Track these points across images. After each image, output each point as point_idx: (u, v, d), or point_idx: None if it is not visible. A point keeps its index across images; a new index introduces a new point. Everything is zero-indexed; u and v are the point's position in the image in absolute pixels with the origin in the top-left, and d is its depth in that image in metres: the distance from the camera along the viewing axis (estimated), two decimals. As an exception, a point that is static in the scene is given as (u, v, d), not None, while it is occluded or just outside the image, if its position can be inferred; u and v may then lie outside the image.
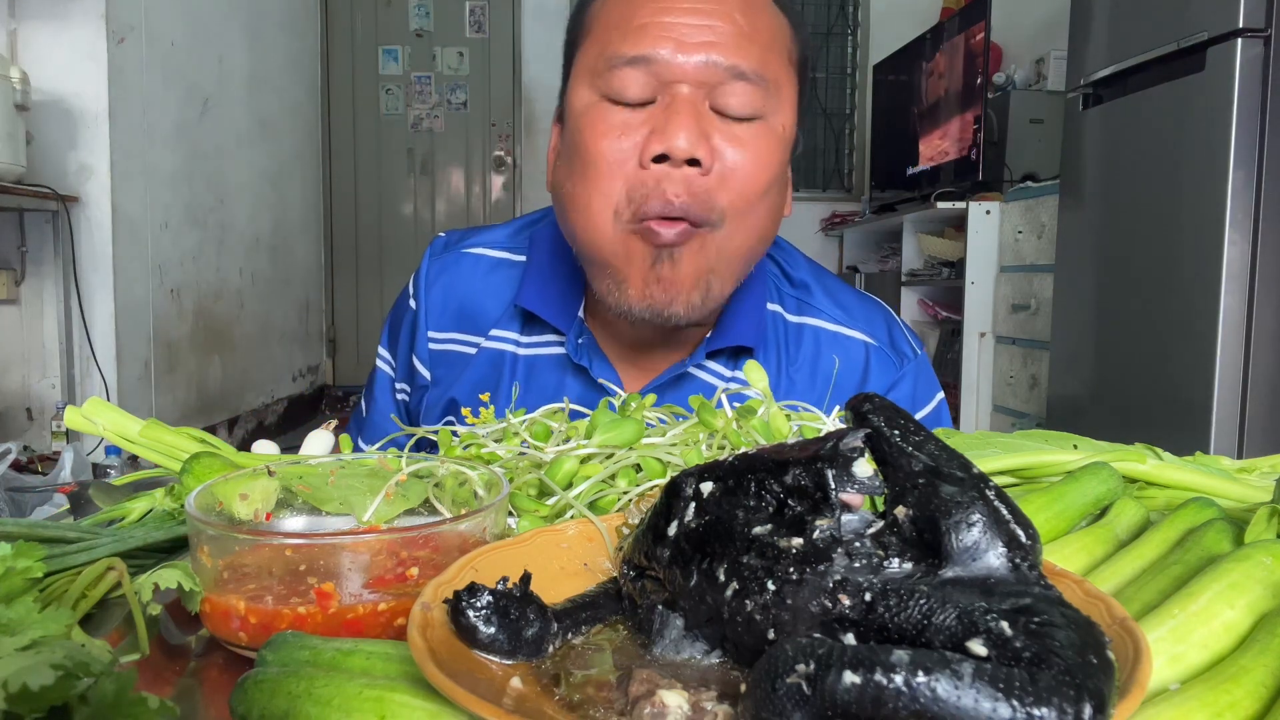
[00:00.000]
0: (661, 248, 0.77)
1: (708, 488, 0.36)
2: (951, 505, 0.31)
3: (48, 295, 2.99)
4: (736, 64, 0.76)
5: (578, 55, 0.83)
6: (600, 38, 0.79)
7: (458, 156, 5.34)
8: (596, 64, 0.79)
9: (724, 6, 0.77)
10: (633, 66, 0.76)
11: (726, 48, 0.76)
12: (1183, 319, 2.26)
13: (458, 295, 0.96)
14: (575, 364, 0.89)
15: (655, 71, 0.76)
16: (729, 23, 0.77)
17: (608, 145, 0.77)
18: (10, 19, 2.91)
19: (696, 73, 0.76)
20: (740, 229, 0.79)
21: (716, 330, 0.90)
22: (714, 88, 0.77)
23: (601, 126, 0.77)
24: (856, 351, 0.94)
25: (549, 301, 0.90)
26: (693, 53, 0.76)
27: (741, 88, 0.77)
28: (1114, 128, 2.53)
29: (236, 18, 3.98)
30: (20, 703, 0.28)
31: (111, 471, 2.75)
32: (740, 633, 0.33)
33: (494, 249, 0.97)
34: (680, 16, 0.76)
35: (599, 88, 0.78)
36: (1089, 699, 0.25)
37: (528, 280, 0.92)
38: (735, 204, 0.78)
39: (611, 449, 0.59)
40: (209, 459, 0.57)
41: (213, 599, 0.44)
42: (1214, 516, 0.49)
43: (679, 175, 0.75)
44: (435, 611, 0.35)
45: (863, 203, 4.66)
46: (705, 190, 0.76)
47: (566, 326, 0.90)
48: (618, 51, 0.77)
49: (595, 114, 0.78)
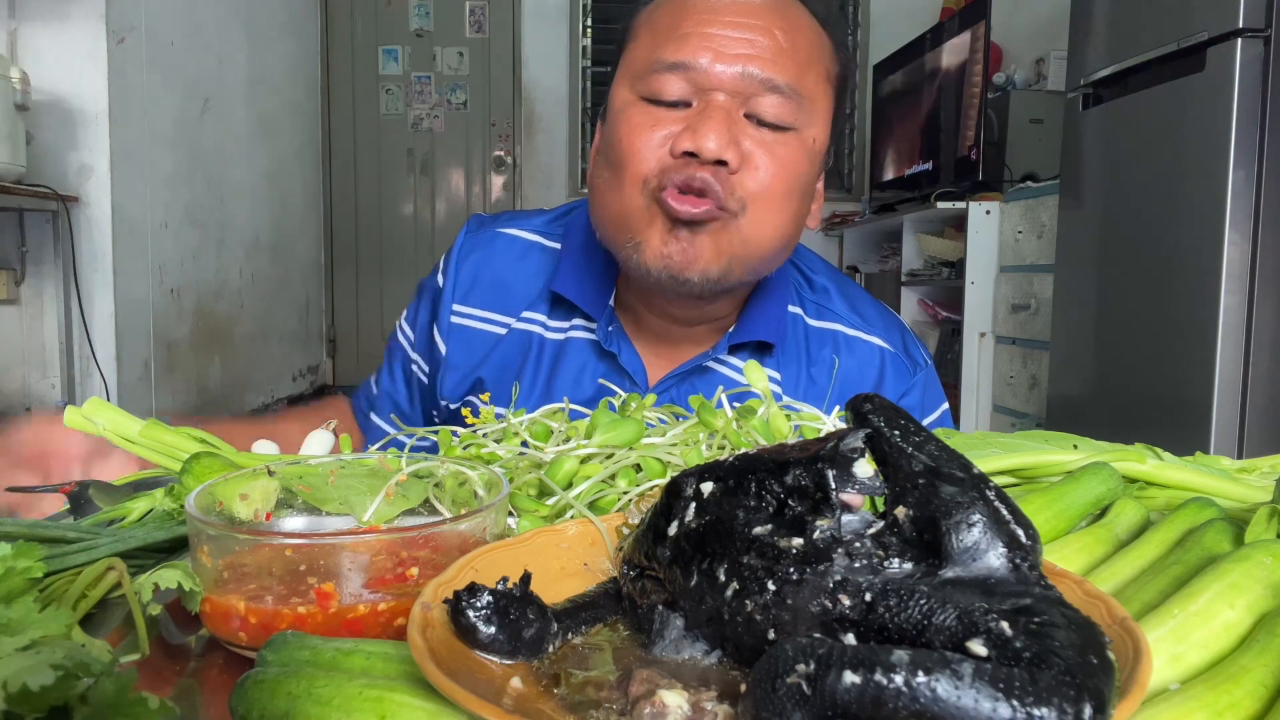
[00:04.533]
0: (678, 221, 0.80)
1: (708, 488, 0.36)
2: (952, 505, 0.31)
3: (48, 295, 2.99)
4: (772, 77, 0.79)
5: (623, 58, 0.86)
6: (645, 43, 0.83)
7: (458, 156, 5.34)
8: (639, 67, 0.83)
9: (765, 22, 0.80)
10: (673, 72, 0.80)
11: (764, 61, 0.79)
12: (1183, 319, 2.26)
13: (490, 272, 0.98)
14: (604, 350, 0.93)
15: (694, 78, 0.80)
16: (769, 38, 0.80)
17: (642, 137, 0.80)
18: (10, 19, 2.91)
19: (733, 82, 0.79)
20: (761, 222, 0.82)
21: (739, 325, 0.93)
22: (749, 97, 0.80)
23: (638, 123, 0.81)
24: (874, 356, 0.98)
25: (584, 289, 0.94)
26: (731, 64, 0.79)
27: (775, 99, 0.80)
28: (1114, 128, 2.53)
29: (236, 18, 3.98)
30: (20, 703, 0.28)
31: (111, 471, 2.74)
32: (740, 633, 0.33)
33: (530, 232, 1.00)
34: (723, 29, 0.80)
35: (639, 89, 0.82)
36: (1089, 699, 0.25)
37: (563, 267, 0.95)
38: (757, 197, 0.80)
39: (611, 449, 0.59)
40: (209, 459, 0.57)
41: (213, 599, 0.44)
42: (1214, 516, 0.49)
43: (706, 168, 0.78)
44: (435, 611, 0.35)
45: (863, 203, 4.65)
46: (729, 179, 0.79)
47: (598, 314, 0.93)
48: (660, 57, 0.81)
49: (632, 111, 0.82)
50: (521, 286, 0.97)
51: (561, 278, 0.94)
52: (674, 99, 0.80)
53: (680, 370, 0.93)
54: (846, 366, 0.97)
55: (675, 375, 0.93)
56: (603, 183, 0.85)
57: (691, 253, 0.80)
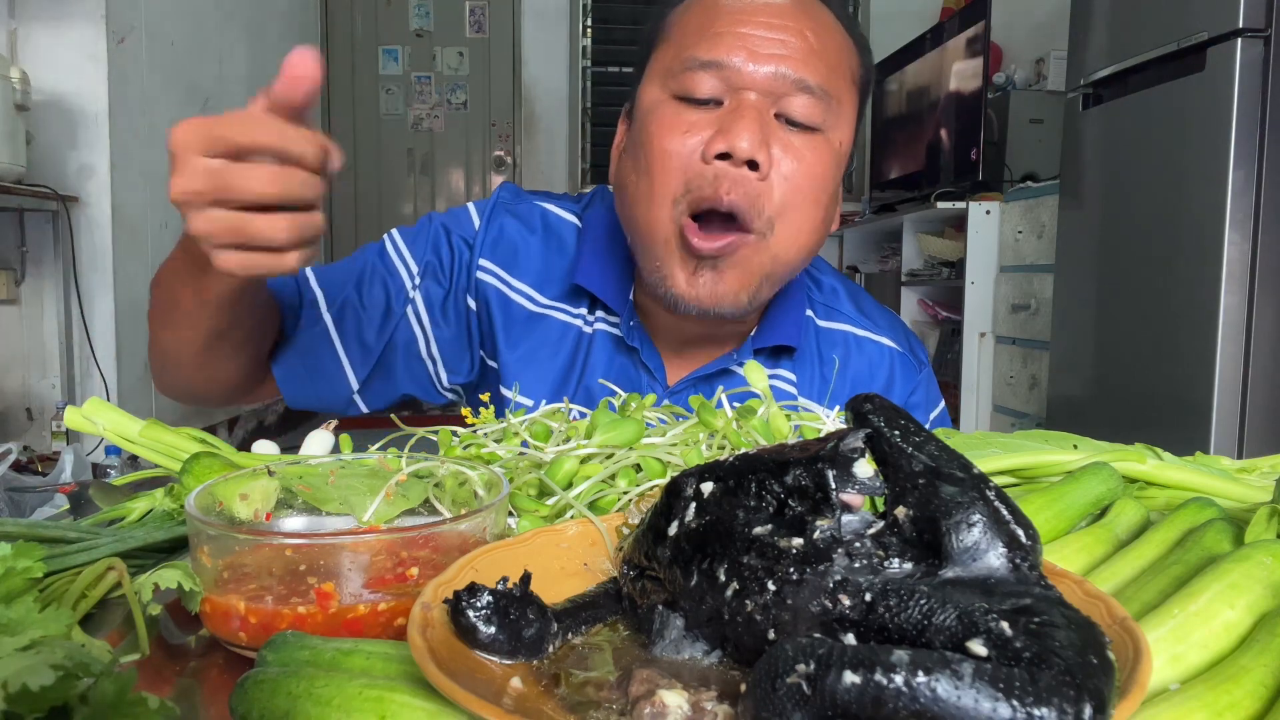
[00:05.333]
0: (702, 258, 0.80)
1: (708, 488, 0.36)
2: (952, 505, 0.31)
3: (48, 295, 2.99)
4: (803, 77, 0.80)
5: (653, 57, 0.86)
6: (678, 42, 0.83)
7: (458, 156, 5.34)
8: (672, 65, 0.83)
9: (797, 24, 0.81)
10: (705, 70, 0.80)
11: (796, 61, 0.80)
12: (1183, 319, 2.26)
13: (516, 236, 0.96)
14: (627, 345, 0.92)
15: (726, 77, 0.80)
16: (800, 39, 0.81)
17: (674, 140, 0.80)
18: (10, 19, 2.91)
19: (765, 82, 0.79)
20: (790, 237, 0.82)
21: (761, 329, 0.93)
22: (780, 98, 0.80)
23: (669, 122, 0.81)
24: (883, 356, 0.99)
25: (607, 282, 0.93)
26: (764, 63, 0.79)
27: (806, 100, 0.80)
28: (1114, 128, 2.53)
29: (236, 18, 3.98)
30: (20, 703, 0.28)
31: (111, 471, 2.75)
32: (740, 633, 0.33)
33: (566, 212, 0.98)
34: (755, 29, 0.80)
35: (670, 88, 0.82)
36: (1089, 699, 0.25)
37: (584, 258, 0.94)
38: (783, 212, 0.81)
39: (611, 449, 0.59)
40: (209, 459, 0.57)
41: (213, 599, 0.44)
42: (1214, 516, 0.49)
43: (736, 174, 0.78)
44: (435, 611, 0.35)
45: (863, 203, 4.65)
46: (756, 195, 0.79)
47: (620, 308, 0.92)
48: (693, 55, 0.81)
49: (664, 111, 0.82)
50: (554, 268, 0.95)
51: (584, 270, 0.93)
52: (706, 97, 0.80)
53: (701, 372, 0.92)
54: (857, 367, 0.97)
55: (695, 377, 0.92)
56: (632, 187, 0.84)
57: (720, 289, 0.81)
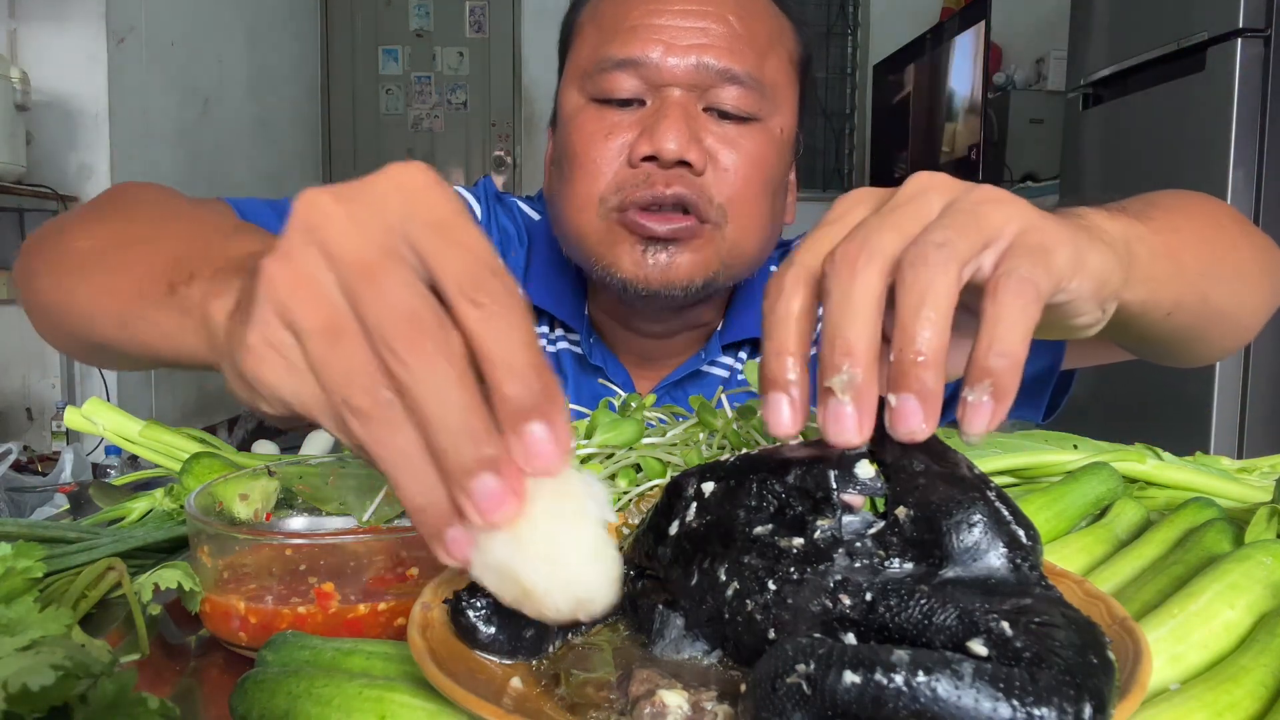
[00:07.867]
0: (651, 240, 0.75)
1: (709, 487, 0.36)
2: (952, 505, 0.31)
3: (48, 295, 2.99)
4: (729, 67, 0.74)
5: (569, 59, 0.81)
6: (590, 40, 0.78)
7: (458, 156, 5.33)
8: (586, 67, 0.77)
9: (718, 8, 0.75)
10: (622, 69, 0.75)
11: (719, 50, 0.74)
12: (1183, 319, 2.26)
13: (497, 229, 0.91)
14: (589, 363, 0.87)
15: (645, 74, 0.75)
16: (722, 25, 0.75)
17: (596, 148, 0.75)
18: (10, 19, 2.91)
19: (688, 75, 0.74)
20: (744, 227, 0.77)
21: (728, 323, 0.88)
22: (706, 90, 0.75)
23: (590, 128, 0.76)
24: None
25: (561, 300, 0.88)
26: (684, 55, 0.74)
27: (735, 91, 0.75)
28: (1114, 128, 2.53)
29: (236, 18, 3.97)
30: (20, 703, 0.28)
31: (111, 471, 2.74)
32: (740, 633, 0.33)
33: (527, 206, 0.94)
34: (672, 19, 0.74)
35: (588, 90, 0.77)
36: (1089, 699, 0.25)
37: (533, 273, 0.89)
38: (733, 201, 0.76)
39: (611, 449, 0.59)
40: (209, 459, 0.57)
41: (213, 599, 0.44)
42: (1214, 516, 0.49)
43: (670, 172, 0.73)
44: (435, 611, 0.35)
45: (863, 203, 4.65)
46: (701, 185, 0.74)
47: (577, 324, 0.88)
48: (607, 54, 0.75)
49: (584, 117, 0.77)
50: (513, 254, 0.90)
51: (533, 286, 0.88)
52: (626, 97, 0.75)
53: (671, 379, 0.88)
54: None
55: (667, 385, 0.88)
56: (559, 197, 0.79)
57: (670, 272, 0.76)
